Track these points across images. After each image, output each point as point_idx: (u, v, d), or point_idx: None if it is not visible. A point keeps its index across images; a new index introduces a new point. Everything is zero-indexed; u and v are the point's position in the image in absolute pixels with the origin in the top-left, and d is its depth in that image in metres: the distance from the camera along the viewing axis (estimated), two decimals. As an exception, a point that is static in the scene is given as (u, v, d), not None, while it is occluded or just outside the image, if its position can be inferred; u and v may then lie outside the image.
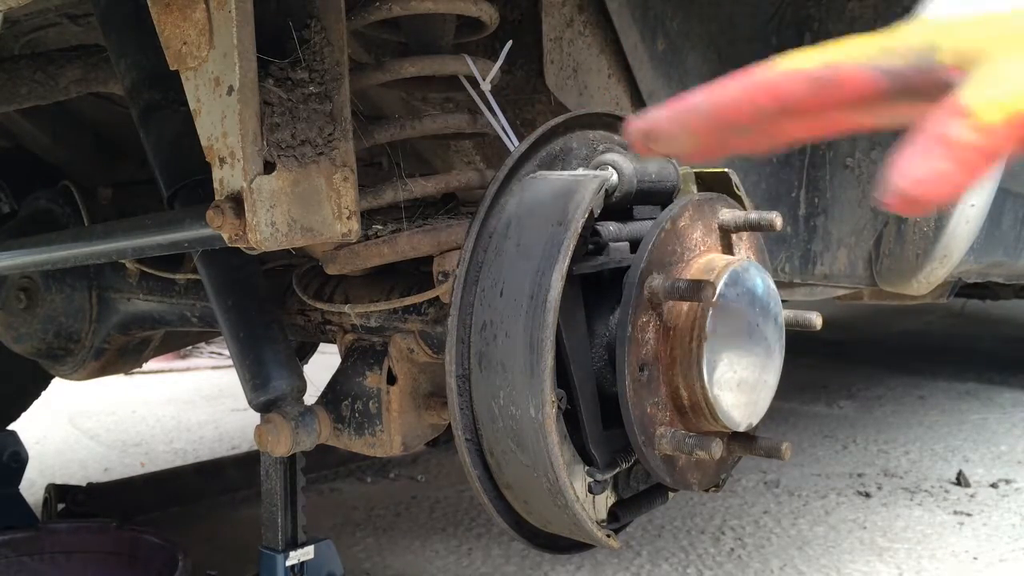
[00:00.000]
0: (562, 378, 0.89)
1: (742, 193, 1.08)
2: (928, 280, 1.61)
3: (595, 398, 0.92)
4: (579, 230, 0.88)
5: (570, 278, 0.87)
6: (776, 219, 0.97)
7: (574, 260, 0.87)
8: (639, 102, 1.49)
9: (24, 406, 2.95)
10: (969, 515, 2.72)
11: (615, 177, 0.94)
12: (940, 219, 1.53)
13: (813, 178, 1.66)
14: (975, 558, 2.42)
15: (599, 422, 0.92)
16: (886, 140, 1.58)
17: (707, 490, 1.02)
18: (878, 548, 2.55)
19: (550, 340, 0.85)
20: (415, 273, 1.21)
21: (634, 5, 1.44)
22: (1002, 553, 2.43)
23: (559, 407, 0.87)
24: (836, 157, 1.63)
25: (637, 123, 0.66)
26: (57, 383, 2.83)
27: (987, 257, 1.78)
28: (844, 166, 1.63)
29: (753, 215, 0.98)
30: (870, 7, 1.56)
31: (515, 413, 0.87)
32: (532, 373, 0.85)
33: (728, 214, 0.99)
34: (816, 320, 0.99)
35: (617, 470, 0.93)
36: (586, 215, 0.89)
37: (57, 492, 2.76)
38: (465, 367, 0.92)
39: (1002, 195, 1.60)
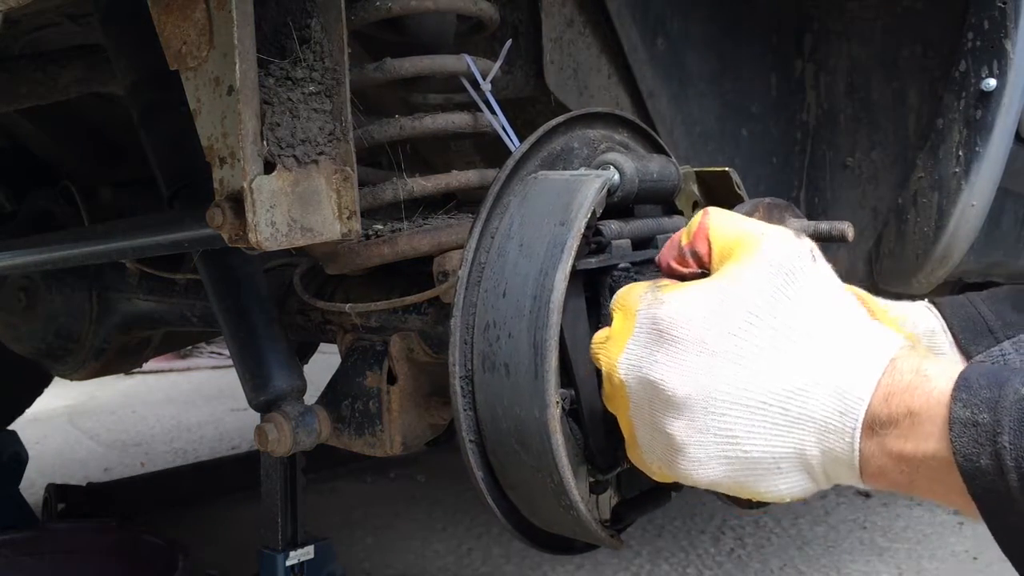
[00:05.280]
0: (565, 378, 0.89)
1: (743, 193, 1.07)
2: (928, 280, 1.61)
3: (597, 398, 0.92)
4: (582, 230, 0.87)
5: (573, 277, 0.87)
6: (848, 230, 0.95)
7: (577, 259, 0.87)
8: (639, 102, 1.49)
9: (24, 406, 2.95)
10: (969, 515, 2.71)
11: (617, 176, 0.94)
12: (940, 219, 1.53)
13: (813, 178, 1.66)
14: (975, 558, 2.42)
15: (602, 422, 0.92)
16: (886, 141, 1.59)
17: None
18: (878, 548, 2.55)
19: (554, 340, 0.85)
20: (415, 273, 1.21)
21: (634, 5, 1.44)
22: (1002, 553, 2.43)
23: (563, 407, 0.87)
24: (836, 157, 1.63)
25: None
26: (57, 383, 2.84)
27: (987, 257, 1.77)
28: (844, 166, 1.63)
29: (823, 225, 0.96)
30: (870, 7, 1.56)
31: (519, 414, 0.87)
32: (536, 374, 0.85)
33: (797, 222, 0.98)
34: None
35: (619, 469, 0.93)
36: (588, 214, 0.88)
37: (57, 492, 2.76)
38: (468, 368, 0.92)
39: (1002, 195, 1.60)
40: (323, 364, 1.71)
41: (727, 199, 1.10)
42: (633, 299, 0.82)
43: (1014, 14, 1.39)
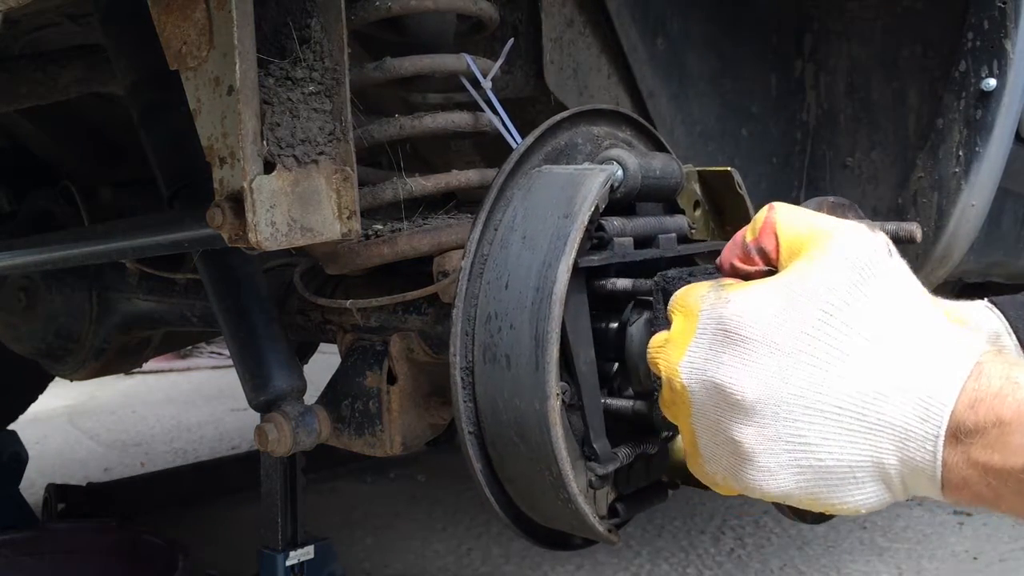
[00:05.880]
0: (566, 372, 0.89)
1: (744, 192, 1.07)
2: (928, 280, 1.61)
3: (597, 393, 0.92)
4: (586, 223, 0.88)
5: (575, 272, 0.87)
6: (916, 231, 0.93)
7: (579, 254, 0.87)
8: (639, 102, 1.49)
9: (24, 406, 2.95)
10: (969, 515, 2.72)
11: (620, 172, 0.94)
12: (940, 219, 1.53)
13: (813, 178, 1.66)
14: (975, 558, 2.42)
15: (601, 417, 0.92)
16: (886, 141, 1.59)
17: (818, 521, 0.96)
18: (878, 548, 2.55)
19: (556, 332, 0.85)
20: (415, 273, 1.21)
21: (634, 5, 1.44)
22: (1002, 553, 2.43)
23: (563, 400, 0.87)
24: (836, 157, 1.63)
25: None
26: (57, 383, 2.84)
27: (987, 257, 1.78)
28: (844, 166, 1.63)
29: (890, 226, 0.94)
30: (870, 7, 1.56)
31: (519, 406, 0.87)
32: (537, 366, 0.85)
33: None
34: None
35: (618, 465, 0.94)
36: (592, 208, 0.89)
37: (57, 492, 2.76)
38: (469, 360, 0.92)
39: (1002, 195, 1.60)
40: (323, 364, 1.71)
41: (728, 199, 1.10)
42: (694, 299, 0.78)
43: (1014, 14, 1.39)
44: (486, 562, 2.56)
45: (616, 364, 1.05)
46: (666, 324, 0.82)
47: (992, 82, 1.42)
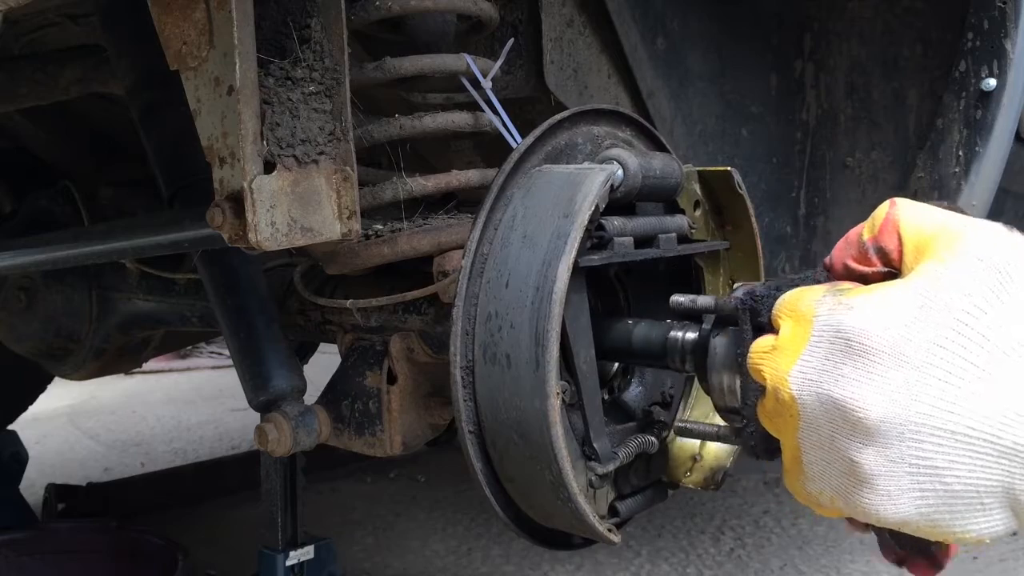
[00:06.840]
0: (567, 372, 0.89)
1: (743, 192, 1.07)
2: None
3: (597, 392, 0.92)
4: (585, 222, 0.88)
5: (575, 271, 0.87)
6: None
7: (579, 253, 0.87)
8: (639, 102, 1.49)
9: (24, 406, 2.95)
10: (969, 515, 2.71)
11: (620, 172, 0.94)
12: (940, 219, 1.53)
13: (813, 178, 1.66)
14: (975, 558, 2.42)
15: (602, 416, 0.92)
16: (886, 141, 1.59)
17: None
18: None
19: (556, 332, 0.85)
20: (416, 273, 1.21)
21: (634, 5, 1.44)
22: (1002, 553, 2.43)
23: (563, 399, 0.87)
24: (836, 157, 1.64)
25: None
26: (57, 383, 2.84)
27: (987, 257, 1.78)
28: (844, 166, 1.63)
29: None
30: (870, 7, 1.56)
31: (519, 405, 0.87)
32: (537, 365, 0.85)
33: None
34: None
35: (618, 464, 0.94)
36: (592, 207, 0.89)
37: (57, 492, 2.76)
38: (469, 359, 0.92)
39: (1002, 195, 1.60)
40: (323, 364, 1.71)
41: (728, 199, 1.10)
42: (807, 304, 0.72)
43: (1014, 14, 1.39)
44: (486, 562, 2.56)
45: (616, 364, 1.05)
46: (754, 340, 0.77)
47: (992, 82, 1.42)
